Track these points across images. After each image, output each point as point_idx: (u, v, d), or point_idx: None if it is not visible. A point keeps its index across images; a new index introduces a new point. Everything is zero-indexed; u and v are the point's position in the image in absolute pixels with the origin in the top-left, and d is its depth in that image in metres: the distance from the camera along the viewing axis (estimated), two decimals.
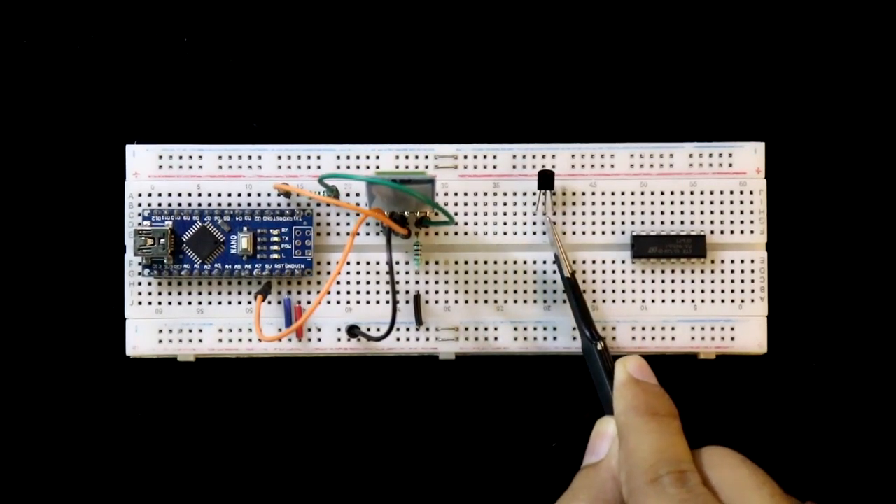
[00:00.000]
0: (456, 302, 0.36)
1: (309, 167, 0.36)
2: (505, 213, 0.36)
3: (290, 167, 0.36)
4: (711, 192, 0.36)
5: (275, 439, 0.38)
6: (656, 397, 0.29)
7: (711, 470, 0.27)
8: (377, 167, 0.36)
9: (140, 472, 0.37)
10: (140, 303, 0.36)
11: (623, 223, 0.36)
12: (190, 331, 0.36)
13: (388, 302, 0.36)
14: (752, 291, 0.36)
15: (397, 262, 0.36)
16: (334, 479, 0.38)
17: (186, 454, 0.38)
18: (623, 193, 0.36)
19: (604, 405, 0.31)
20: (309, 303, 0.36)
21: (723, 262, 0.36)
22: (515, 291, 0.36)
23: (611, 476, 0.29)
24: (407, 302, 0.36)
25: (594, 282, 0.36)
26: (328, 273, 0.36)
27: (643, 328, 0.36)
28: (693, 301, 0.36)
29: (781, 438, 0.38)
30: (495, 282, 0.36)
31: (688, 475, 0.27)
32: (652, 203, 0.36)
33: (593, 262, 0.36)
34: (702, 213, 0.36)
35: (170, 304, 0.36)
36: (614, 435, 0.29)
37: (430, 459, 0.38)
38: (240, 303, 0.36)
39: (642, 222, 0.36)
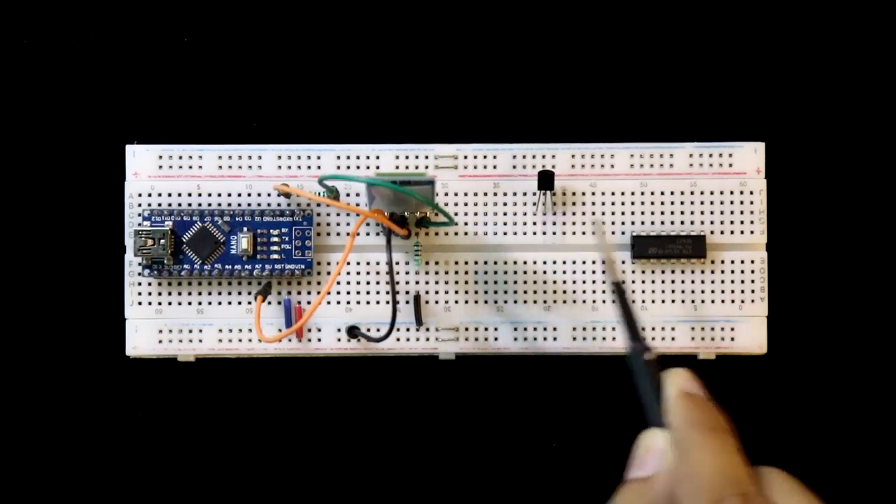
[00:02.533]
0: (456, 302, 0.36)
1: (309, 167, 0.36)
2: (505, 214, 0.36)
3: (290, 167, 0.36)
4: (711, 193, 0.36)
5: (275, 439, 0.38)
6: (712, 412, 0.28)
7: (770, 494, 0.26)
8: (377, 167, 0.36)
9: (140, 472, 0.37)
10: (140, 303, 0.36)
11: (623, 223, 0.36)
12: (190, 331, 0.36)
13: (388, 302, 0.36)
14: (752, 291, 0.36)
15: (397, 263, 0.36)
16: (334, 479, 0.38)
17: (186, 454, 0.38)
18: (623, 193, 0.36)
19: (649, 417, 0.29)
20: (309, 303, 0.36)
21: (723, 262, 0.36)
22: (515, 291, 0.36)
23: (664, 492, 0.27)
24: (407, 302, 0.36)
25: (594, 282, 0.36)
26: (328, 273, 0.36)
27: (643, 329, 0.36)
28: (693, 301, 0.36)
29: (781, 438, 0.38)
30: (495, 282, 0.36)
31: (752, 499, 0.26)
32: (652, 203, 0.36)
33: (593, 262, 0.36)
34: (702, 213, 0.36)
35: (170, 304, 0.36)
36: (664, 449, 0.28)
37: (431, 459, 0.38)
38: (240, 303, 0.36)
39: (642, 222, 0.36)
